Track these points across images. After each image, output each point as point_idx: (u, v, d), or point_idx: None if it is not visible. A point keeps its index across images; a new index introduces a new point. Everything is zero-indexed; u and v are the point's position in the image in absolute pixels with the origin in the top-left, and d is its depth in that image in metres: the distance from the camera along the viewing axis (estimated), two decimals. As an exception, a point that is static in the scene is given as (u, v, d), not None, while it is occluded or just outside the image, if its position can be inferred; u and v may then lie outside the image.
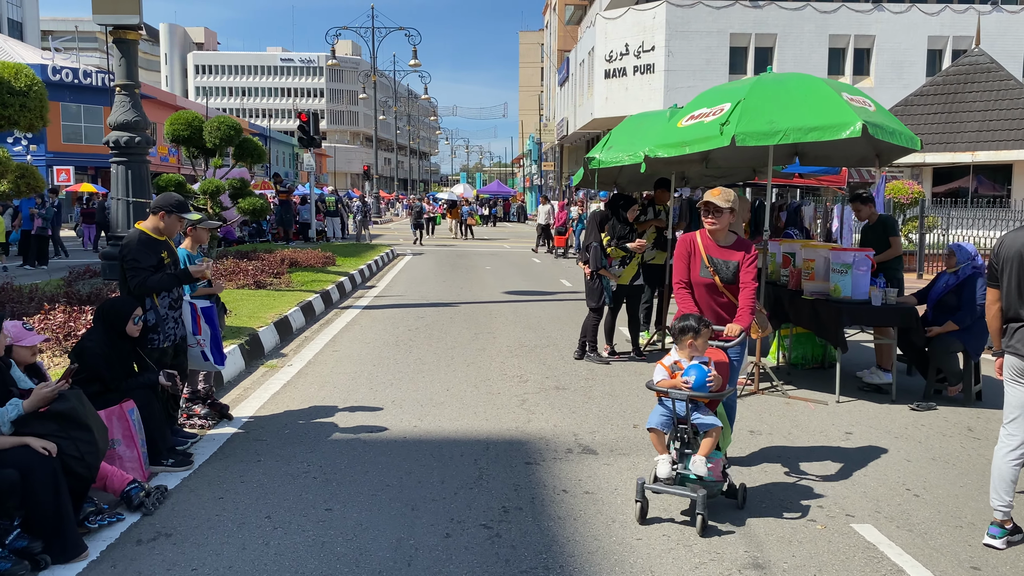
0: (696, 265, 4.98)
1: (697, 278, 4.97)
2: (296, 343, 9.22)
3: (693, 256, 5.00)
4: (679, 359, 4.49)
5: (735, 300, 4.94)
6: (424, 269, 18.93)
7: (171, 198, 5.22)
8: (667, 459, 4.37)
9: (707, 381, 4.30)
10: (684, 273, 5.02)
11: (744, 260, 4.90)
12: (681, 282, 5.03)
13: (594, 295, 8.50)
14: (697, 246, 5.00)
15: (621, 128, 8.77)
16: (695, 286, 5.00)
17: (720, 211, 4.86)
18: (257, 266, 12.88)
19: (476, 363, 8.29)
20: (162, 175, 13.78)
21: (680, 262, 5.03)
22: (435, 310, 11.97)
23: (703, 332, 4.46)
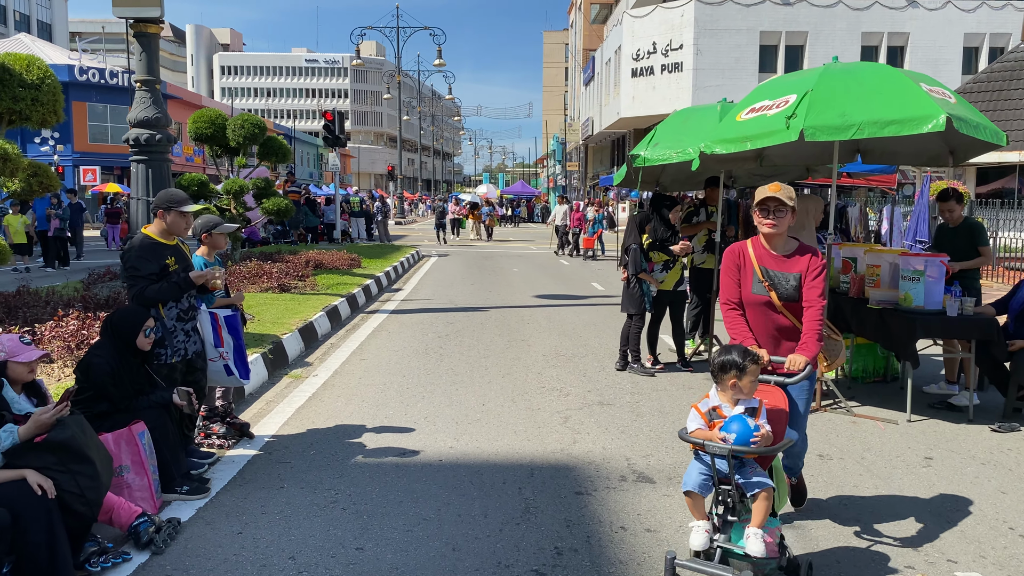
0: (747, 280, 4.04)
1: (749, 296, 4.04)
2: (322, 351, 8.76)
3: (743, 269, 4.05)
4: (719, 404, 3.56)
5: (798, 323, 4.02)
6: (451, 271, 18.46)
7: (167, 194, 4.77)
8: (703, 527, 3.46)
9: (751, 441, 3.36)
10: (733, 291, 4.08)
11: (808, 272, 3.94)
12: (729, 302, 4.10)
13: (633, 301, 7.96)
14: (748, 257, 4.05)
15: (667, 124, 8.22)
16: (747, 306, 4.07)
17: (783, 209, 3.89)
18: (281, 268, 12.47)
19: (512, 374, 7.78)
20: (184, 174, 13.40)
21: (728, 278, 4.10)
22: (465, 315, 11.48)
23: (749, 370, 3.48)
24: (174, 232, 4.80)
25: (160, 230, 4.78)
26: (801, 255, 4.01)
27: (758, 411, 3.52)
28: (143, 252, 4.64)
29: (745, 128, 6.11)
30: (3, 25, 75.28)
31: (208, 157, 13.91)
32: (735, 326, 4.08)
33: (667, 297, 8.15)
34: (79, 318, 7.04)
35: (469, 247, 27.75)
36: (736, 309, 4.10)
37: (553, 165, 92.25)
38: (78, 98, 45.62)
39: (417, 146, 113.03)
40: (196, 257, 5.35)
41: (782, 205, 3.91)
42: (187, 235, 5.01)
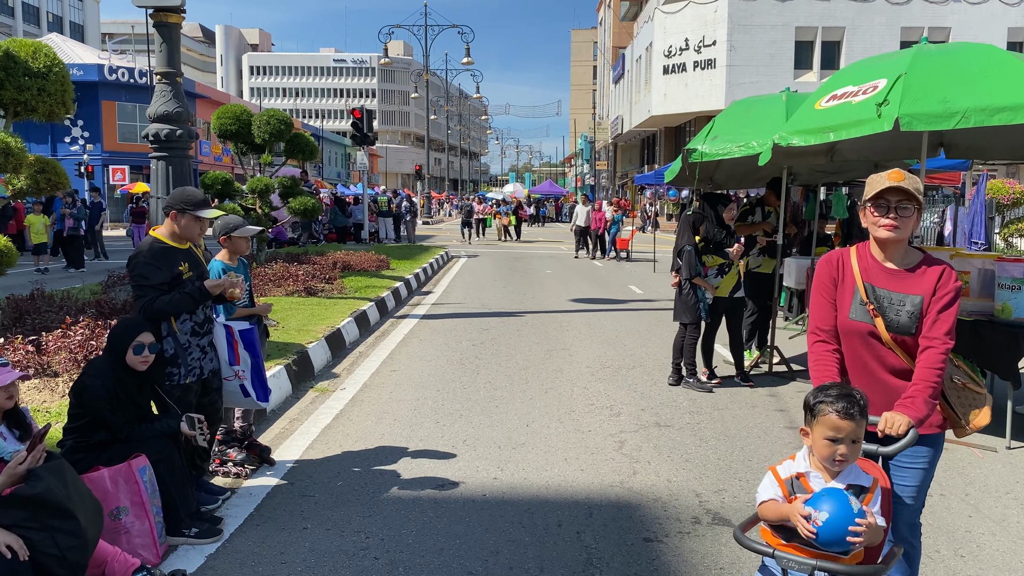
0: (846, 300, 2.95)
1: (846, 323, 2.95)
2: (349, 360, 8.17)
3: (841, 285, 2.98)
4: (807, 471, 2.53)
5: (912, 363, 2.91)
6: (481, 273, 17.85)
7: (182, 193, 4.16)
8: None
9: (850, 538, 2.28)
10: (825, 315, 3.00)
11: (936, 295, 2.86)
12: (818, 331, 3.00)
13: (688, 309, 7.27)
14: (849, 269, 2.97)
15: (727, 116, 7.52)
16: (844, 336, 2.99)
17: (909, 204, 2.82)
18: (308, 271, 11.93)
19: (555, 388, 7.13)
20: (208, 173, 12.94)
21: (821, 296, 3.01)
22: (499, 320, 10.84)
23: (859, 422, 2.45)
24: (186, 237, 4.20)
25: (171, 233, 4.18)
26: (928, 269, 2.90)
27: (869, 492, 2.49)
28: (152, 258, 4.05)
29: (827, 117, 5.41)
30: (36, 26, 76.14)
31: (233, 154, 13.43)
32: (822, 365, 2.94)
33: (723, 304, 7.45)
34: (89, 326, 6.51)
35: (498, 248, 27.12)
36: (826, 342, 2.98)
37: (581, 164, 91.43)
38: (107, 97, 45.75)
39: (444, 146, 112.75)
40: (215, 262, 4.77)
41: (908, 199, 2.81)
42: (201, 241, 4.41)
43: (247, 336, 4.41)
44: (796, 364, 8.26)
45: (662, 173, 18.57)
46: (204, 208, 4.18)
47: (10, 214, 20.91)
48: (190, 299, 4.02)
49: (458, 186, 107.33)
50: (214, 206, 12.63)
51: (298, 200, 12.95)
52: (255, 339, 4.49)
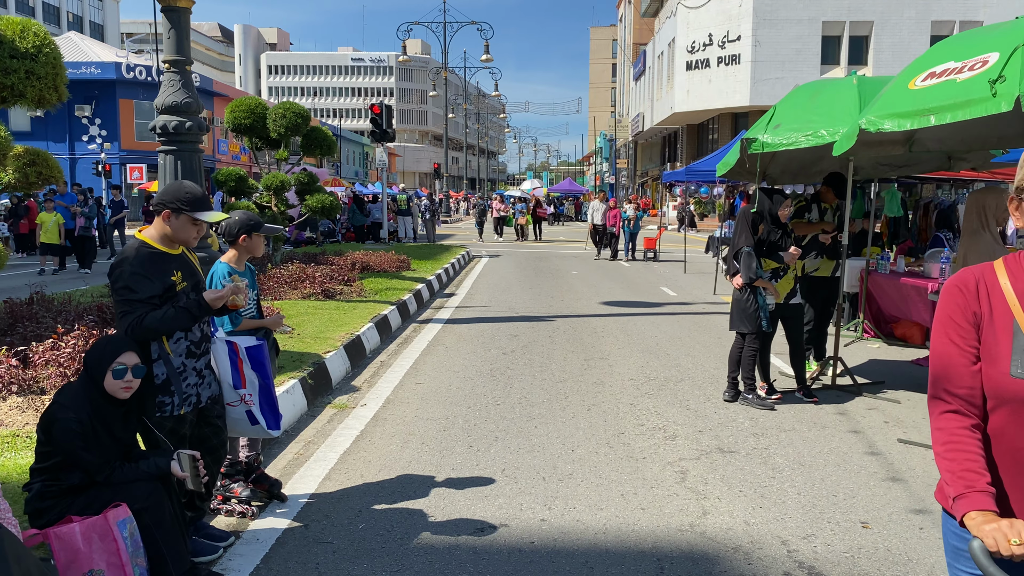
0: (999, 344, 1.84)
1: (1002, 384, 1.82)
2: (370, 371, 7.50)
3: (989, 323, 1.87)
4: None
5: None
6: (505, 274, 17.15)
7: (180, 189, 3.45)
8: None
9: None
10: (960, 370, 1.89)
11: None
12: (949, 395, 1.89)
13: (747, 317, 6.52)
14: (1000, 296, 1.88)
15: (790, 102, 6.77)
16: (998, 404, 1.85)
17: None
18: (325, 272, 11.28)
19: (598, 405, 6.42)
20: (221, 169, 12.32)
21: (951, 343, 1.90)
22: (529, 326, 10.14)
23: None
24: (179, 241, 3.50)
25: (161, 235, 3.47)
26: None
27: None
28: (140, 266, 3.33)
29: (926, 98, 4.66)
30: (56, 26, 76.42)
31: (249, 150, 12.81)
32: (957, 450, 1.84)
33: (778, 311, 6.71)
34: (84, 335, 5.86)
35: (520, 247, 26.41)
36: (962, 413, 1.88)
37: (600, 162, 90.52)
38: (125, 96, 45.55)
39: (462, 144, 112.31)
40: (220, 265, 4.09)
41: None
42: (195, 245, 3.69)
43: (255, 354, 3.73)
44: (861, 376, 7.50)
45: (694, 169, 17.80)
46: (203, 209, 3.46)
47: (22, 212, 20.48)
48: (187, 315, 3.33)
49: (476, 185, 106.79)
50: (229, 204, 12.02)
51: (315, 198, 12.31)
52: (264, 357, 3.80)
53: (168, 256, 3.44)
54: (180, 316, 3.31)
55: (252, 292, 4.17)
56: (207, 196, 3.57)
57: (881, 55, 43.36)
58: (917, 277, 9.21)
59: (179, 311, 3.31)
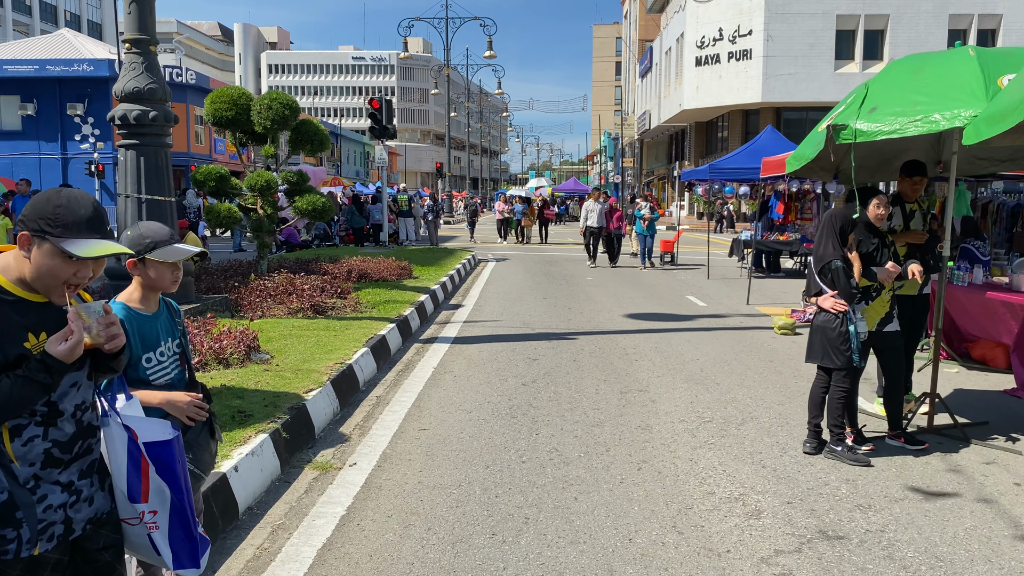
0: None
1: None
2: (363, 411, 6.16)
3: None
4: None
5: None
6: (514, 280, 15.82)
7: (48, 203, 2.04)
8: None
9: None
10: None
11: None
12: None
13: (835, 348, 5.18)
14: None
15: (886, 81, 5.42)
16: None
17: None
18: (315, 284, 9.93)
19: (650, 461, 5.09)
20: (200, 167, 11.02)
21: None
22: (549, 346, 8.81)
23: None
24: (46, 283, 2.15)
25: (18, 276, 2.14)
26: None
27: None
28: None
29: None
30: (54, 24, 75.33)
31: (232, 145, 11.49)
32: None
33: (869, 342, 5.37)
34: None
35: (527, 250, 25.07)
36: None
37: (604, 161, 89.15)
38: (119, 94, 44.15)
39: (465, 143, 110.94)
40: (115, 304, 2.75)
41: None
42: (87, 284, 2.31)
43: (160, 454, 2.35)
44: (960, 415, 6.17)
45: (717, 167, 16.45)
46: (82, 235, 2.09)
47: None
48: (31, 386, 1.97)
49: (478, 184, 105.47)
50: (205, 207, 10.68)
51: (306, 199, 10.98)
52: (174, 459, 2.39)
53: (24, 305, 2.08)
54: (21, 389, 1.96)
55: (165, 344, 2.83)
56: (100, 214, 2.15)
57: (897, 50, 41.98)
58: (1000, 290, 7.89)
59: (17, 382, 1.96)
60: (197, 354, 6.38)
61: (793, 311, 11.46)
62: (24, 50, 43.23)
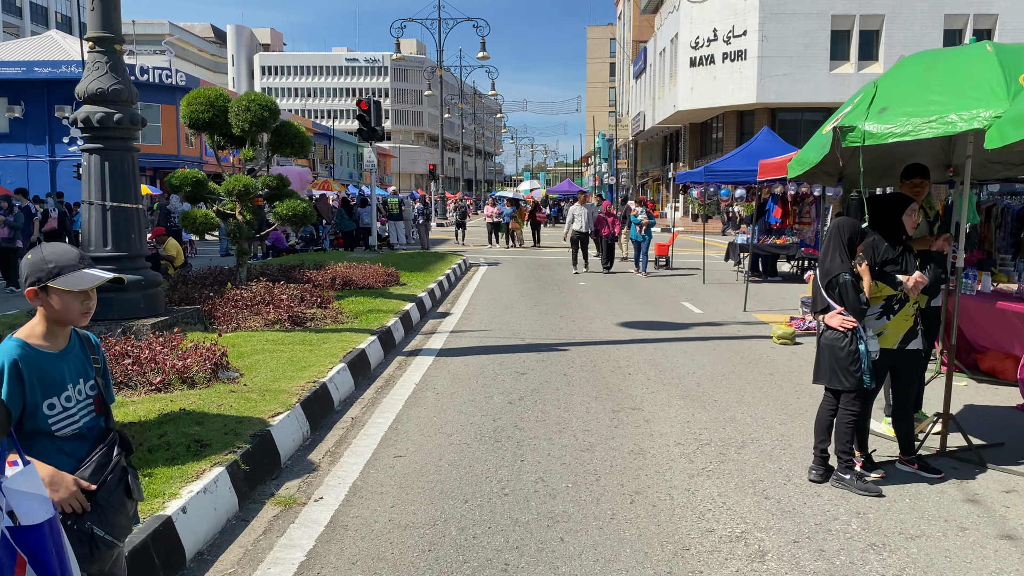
0: None
1: None
2: (336, 435, 5.75)
3: None
4: None
5: None
6: (505, 286, 15.42)
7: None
8: None
9: None
10: None
11: None
12: None
13: (843, 369, 4.77)
14: None
15: (896, 78, 5.02)
16: None
17: None
18: (294, 293, 9.49)
19: (643, 493, 4.68)
20: (176, 171, 10.59)
21: None
22: (538, 359, 8.41)
23: None
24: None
25: None
26: None
27: None
28: None
29: None
30: (44, 26, 74.79)
31: (208, 146, 11.07)
32: None
33: (889, 360, 4.98)
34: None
35: (520, 254, 24.67)
36: None
37: (598, 163, 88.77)
38: (107, 96, 43.57)
39: (458, 145, 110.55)
40: (8, 343, 2.34)
41: None
42: None
43: (30, 541, 1.89)
44: (972, 434, 5.78)
45: (713, 169, 16.07)
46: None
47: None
48: None
49: (472, 186, 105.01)
50: (181, 214, 10.25)
51: (286, 204, 10.55)
52: (45, 548, 1.93)
53: None
54: None
55: (75, 387, 2.42)
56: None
57: (892, 50, 41.71)
58: (1012, 299, 7.52)
59: None
60: (159, 373, 5.96)
61: (792, 319, 11.08)
62: (12, 52, 42.72)
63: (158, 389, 5.84)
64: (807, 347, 9.32)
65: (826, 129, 5.40)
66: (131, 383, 5.87)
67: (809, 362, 8.43)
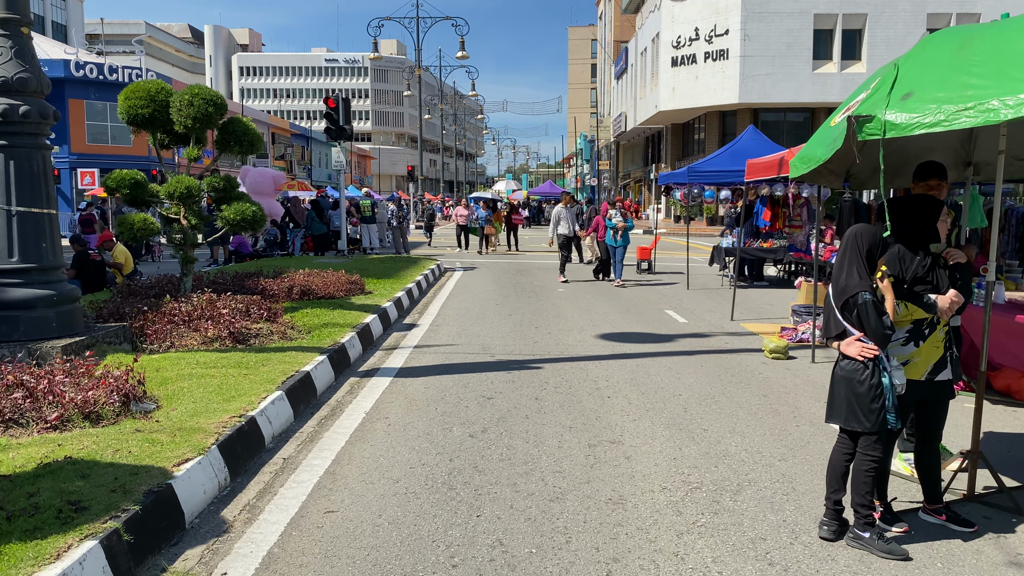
0: None
1: None
2: (260, 483, 4.86)
3: None
4: None
5: None
6: (479, 293, 14.57)
7: None
8: None
9: None
10: None
11: None
12: None
13: (863, 406, 3.94)
14: None
15: (922, 59, 4.22)
16: None
17: None
18: (237, 306, 8.58)
19: (624, 560, 3.85)
20: (113, 172, 9.67)
21: None
22: (508, 379, 7.57)
23: None
24: None
25: None
26: None
27: None
28: None
29: None
30: (14, 25, 72.98)
31: (151, 145, 10.14)
32: None
33: (916, 393, 4.18)
34: None
35: (498, 259, 23.81)
36: None
37: (580, 164, 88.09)
38: (75, 95, 42.56)
39: (439, 146, 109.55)
40: None
41: None
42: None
43: None
44: (999, 469, 5.01)
45: (696, 170, 15.31)
46: None
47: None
48: None
49: (454, 188, 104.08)
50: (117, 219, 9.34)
51: (234, 207, 9.63)
52: None
53: None
54: None
55: None
56: None
57: (875, 49, 41.36)
58: None
59: None
60: (58, 407, 5.07)
61: (783, 329, 10.32)
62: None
63: (54, 427, 4.95)
64: (801, 361, 8.56)
65: (835, 120, 4.60)
66: (22, 420, 4.98)
67: (806, 380, 7.66)
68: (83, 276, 12.36)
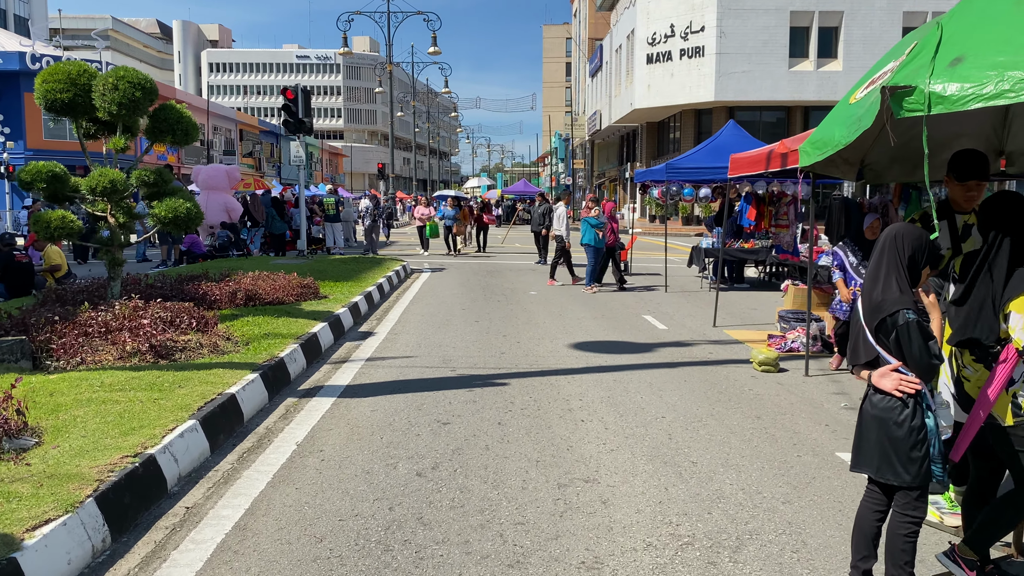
0: None
1: None
2: (148, 545, 3.92)
3: None
4: None
5: None
6: (446, 297, 13.65)
7: None
8: None
9: None
10: None
11: None
12: None
13: (902, 454, 3.09)
14: None
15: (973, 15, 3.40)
16: None
17: None
18: (162, 315, 7.58)
19: (598, 653, 2.98)
20: (28, 165, 8.64)
21: None
22: (469, 399, 6.67)
23: None
24: None
25: None
26: None
27: None
28: None
29: None
30: None
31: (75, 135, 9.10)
32: None
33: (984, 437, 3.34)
34: None
35: (470, 258, 22.88)
36: None
37: (555, 163, 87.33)
38: (31, 89, 40.76)
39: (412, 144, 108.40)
40: None
41: None
42: None
43: None
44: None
45: (675, 167, 14.54)
46: None
47: None
48: None
49: (427, 186, 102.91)
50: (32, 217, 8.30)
51: (166, 204, 8.62)
52: None
53: None
54: None
55: None
56: None
57: (851, 47, 41.04)
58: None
59: None
60: (-96, 447, 4.09)
61: (770, 337, 9.53)
62: None
63: None
64: (794, 375, 7.76)
65: (857, 96, 3.76)
66: None
67: (801, 398, 6.86)
68: (7, 279, 11.29)
